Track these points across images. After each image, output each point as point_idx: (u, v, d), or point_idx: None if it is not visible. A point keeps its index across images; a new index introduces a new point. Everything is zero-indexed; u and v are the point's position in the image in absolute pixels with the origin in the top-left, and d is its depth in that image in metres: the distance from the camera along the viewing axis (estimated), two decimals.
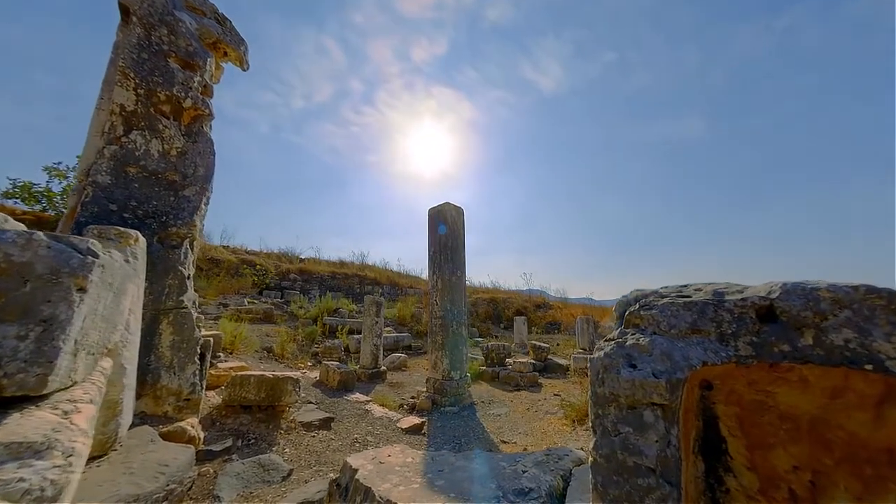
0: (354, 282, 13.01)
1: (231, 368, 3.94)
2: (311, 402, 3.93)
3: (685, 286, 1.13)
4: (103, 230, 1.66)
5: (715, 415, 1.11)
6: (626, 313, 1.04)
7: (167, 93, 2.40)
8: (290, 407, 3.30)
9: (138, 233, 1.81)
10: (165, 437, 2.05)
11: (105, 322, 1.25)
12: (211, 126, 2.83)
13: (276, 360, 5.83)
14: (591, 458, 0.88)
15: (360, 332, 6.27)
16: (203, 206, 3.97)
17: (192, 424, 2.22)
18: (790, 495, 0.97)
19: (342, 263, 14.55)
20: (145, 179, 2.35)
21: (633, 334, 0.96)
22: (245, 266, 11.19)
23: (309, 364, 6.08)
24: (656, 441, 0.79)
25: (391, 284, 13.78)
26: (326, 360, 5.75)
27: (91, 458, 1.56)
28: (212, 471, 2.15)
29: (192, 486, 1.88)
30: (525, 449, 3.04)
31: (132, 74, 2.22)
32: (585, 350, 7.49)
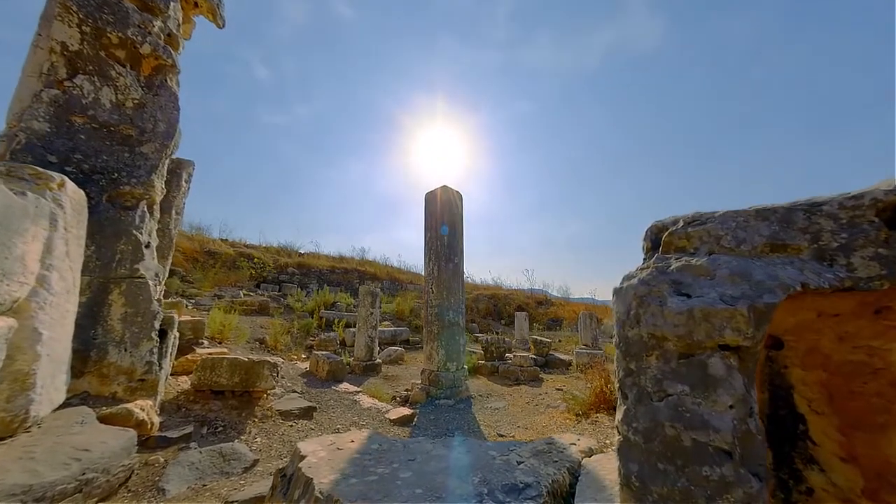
0: (353, 276, 12.78)
1: (210, 353, 3.67)
2: (295, 392, 3.65)
3: (741, 210, 0.82)
4: (13, 167, 1.38)
5: (788, 384, 0.80)
6: (666, 235, 0.73)
7: (120, 35, 2.12)
8: (267, 394, 3.02)
9: (65, 177, 1.53)
10: (106, 419, 1.77)
11: None
12: (178, 81, 2.55)
13: (268, 351, 5.57)
14: (618, 437, 0.57)
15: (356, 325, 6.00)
16: (184, 184, 3.68)
17: (141, 407, 1.94)
18: None
19: (342, 258, 14.35)
20: (94, 131, 2.07)
21: (677, 258, 0.65)
22: (242, 259, 11.02)
23: (303, 356, 5.83)
24: (731, 406, 0.48)
25: (391, 280, 13.55)
26: (318, 351, 5.49)
27: None
28: (162, 459, 1.86)
29: (129, 476, 1.60)
30: None
31: (75, 8, 1.94)
32: (588, 346, 7.16)
